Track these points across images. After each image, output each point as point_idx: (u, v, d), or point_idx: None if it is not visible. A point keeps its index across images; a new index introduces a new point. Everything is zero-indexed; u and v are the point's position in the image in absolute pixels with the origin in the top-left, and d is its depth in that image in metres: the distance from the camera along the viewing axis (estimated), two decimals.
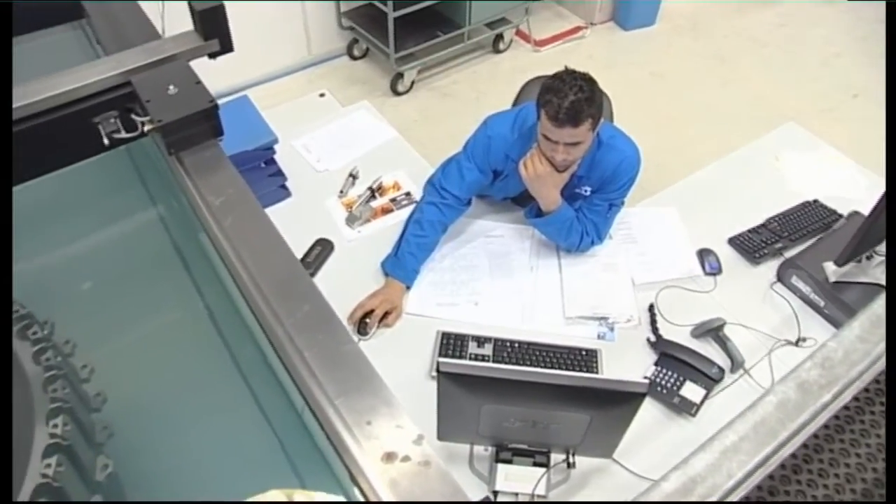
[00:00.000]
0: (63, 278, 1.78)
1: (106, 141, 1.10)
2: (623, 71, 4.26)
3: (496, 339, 1.90)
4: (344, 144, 2.46)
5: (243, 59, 1.37)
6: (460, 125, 2.36)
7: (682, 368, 1.83)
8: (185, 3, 1.25)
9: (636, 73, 4.26)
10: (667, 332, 1.94)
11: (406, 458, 0.66)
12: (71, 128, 1.10)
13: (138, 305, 1.77)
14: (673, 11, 4.73)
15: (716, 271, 2.11)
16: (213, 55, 1.19)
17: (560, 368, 1.84)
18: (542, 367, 1.84)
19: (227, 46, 1.18)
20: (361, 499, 0.76)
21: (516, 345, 1.89)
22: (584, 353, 1.89)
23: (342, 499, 1.20)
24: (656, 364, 1.86)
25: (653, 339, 1.92)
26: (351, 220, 2.20)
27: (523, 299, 2.03)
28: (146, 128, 1.08)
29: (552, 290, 2.06)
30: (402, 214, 2.20)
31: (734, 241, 2.19)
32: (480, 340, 1.89)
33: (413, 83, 4.04)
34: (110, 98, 1.12)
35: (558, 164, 1.90)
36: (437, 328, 1.92)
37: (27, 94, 1.07)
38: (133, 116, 1.09)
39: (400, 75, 3.95)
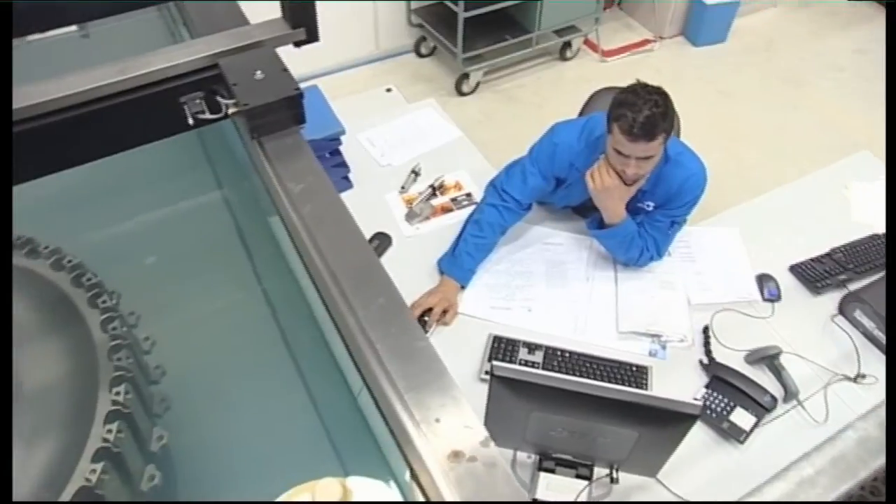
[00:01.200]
0: (129, 251, 1.84)
1: (191, 121, 1.13)
2: (691, 87, 4.20)
3: (547, 347, 1.89)
4: (408, 140, 2.48)
5: (311, 50, 1.39)
6: (523, 129, 2.35)
7: (733, 394, 1.79)
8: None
9: (704, 90, 4.19)
10: (720, 356, 1.91)
11: (472, 459, 0.66)
12: (158, 106, 1.13)
13: (199, 284, 1.81)
14: (746, 30, 4.64)
15: (775, 298, 2.07)
16: (298, 44, 1.21)
17: (609, 382, 1.82)
18: (591, 379, 1.82)
19: (313, 36, 1.20)
20: (418, 493, 0.76)
21: (567, 354, 1.88)
22: (634, 368, 1.87)
23: (393, 486, 1.22)
24: (707, 387, 1.83)
25: (705, 361, 1.90)
26: (410, 216, 2.21)
27: (577, 309, 2.01)
28: (230, 110, 1.10)
29: (607, 302, 2.04)
30: (462, 215, 2.21)
31: (796, 269, 2.14)
32: (531, 347, 1.89)
33: (478, 84, 4.04)
34: (197, 79, 1.14)
35: (627, 178, 1.89)
36: (489, 331, 1.93)
37: (120, 72, 1.10)
38: (218, 99, 1.12)
39: (466, 76, 3.96)
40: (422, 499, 0.74)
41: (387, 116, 2.60)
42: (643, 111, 1.74)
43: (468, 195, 2.31)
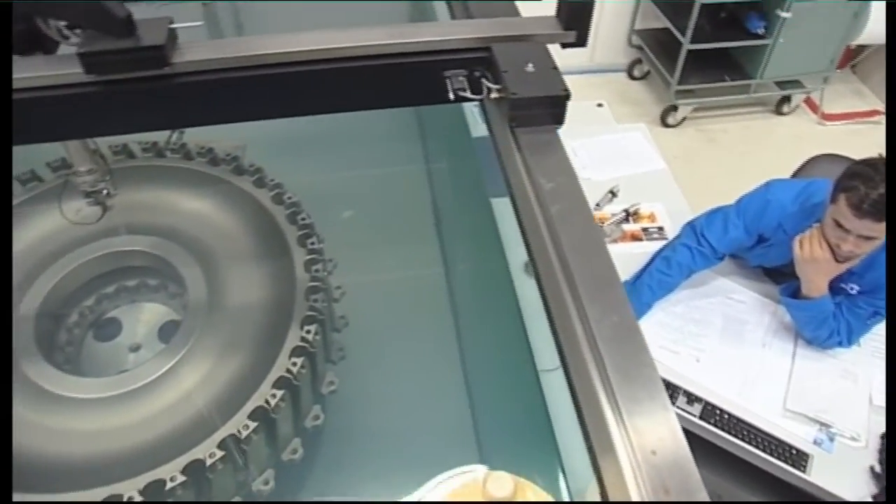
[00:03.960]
0: (334, 202, 1.95)
1: (451, 95, 1.16)
2: None
3: (707, 402, 1.83)
4: (612, 159, 2.47)
5: None
6: (719, 175, 2.28)
7: None
8: None
9: None
10: None
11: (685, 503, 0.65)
12: (423, 74, 1.17)
13: (390, 249, 1.91)
14: None
15: None
16: (565, 45, 1.22)
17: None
18: None
19: (582, 41, 1.19)
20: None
21: (726, 416, 1.80)
22: (794, 451, 1.76)
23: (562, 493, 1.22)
24: (875, 498, 1.69)
25: (878, 469, 1.75)
26: None
27: (746, 373, 1.92)
28: (493, 95, 1.13)
29: (780, 375, 1.93)
30: (649, 246, 2.17)
31: None
32: (691, 398, 1.83)
33: (684, 119, 3.94)
34: (464, 58, 1.18)
35: (840, 255, 1.77)
36: None
37: (390, 36, 1.15)
38: (483, 81, 1.14)
39: (674, 107, 3.87)
40: None
41: (595, 131, 2.59)
42: (879, 188, 1.62)
43: (660, 229, 2.26)
